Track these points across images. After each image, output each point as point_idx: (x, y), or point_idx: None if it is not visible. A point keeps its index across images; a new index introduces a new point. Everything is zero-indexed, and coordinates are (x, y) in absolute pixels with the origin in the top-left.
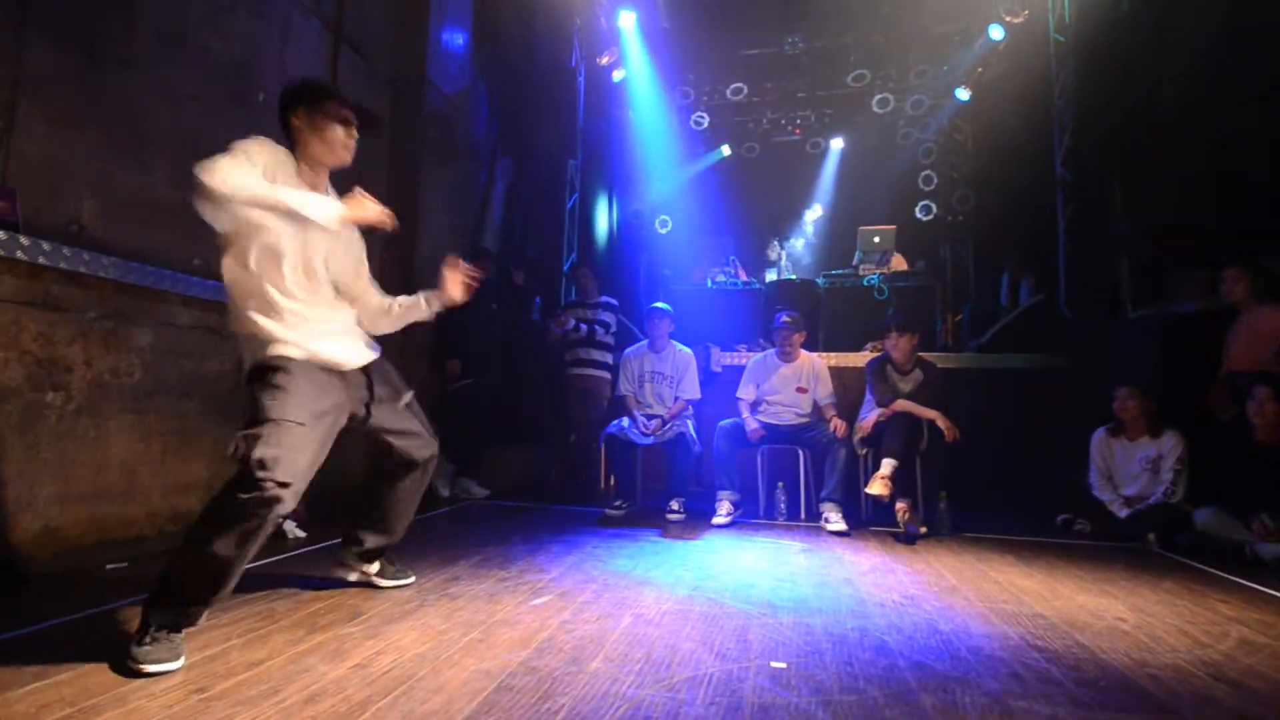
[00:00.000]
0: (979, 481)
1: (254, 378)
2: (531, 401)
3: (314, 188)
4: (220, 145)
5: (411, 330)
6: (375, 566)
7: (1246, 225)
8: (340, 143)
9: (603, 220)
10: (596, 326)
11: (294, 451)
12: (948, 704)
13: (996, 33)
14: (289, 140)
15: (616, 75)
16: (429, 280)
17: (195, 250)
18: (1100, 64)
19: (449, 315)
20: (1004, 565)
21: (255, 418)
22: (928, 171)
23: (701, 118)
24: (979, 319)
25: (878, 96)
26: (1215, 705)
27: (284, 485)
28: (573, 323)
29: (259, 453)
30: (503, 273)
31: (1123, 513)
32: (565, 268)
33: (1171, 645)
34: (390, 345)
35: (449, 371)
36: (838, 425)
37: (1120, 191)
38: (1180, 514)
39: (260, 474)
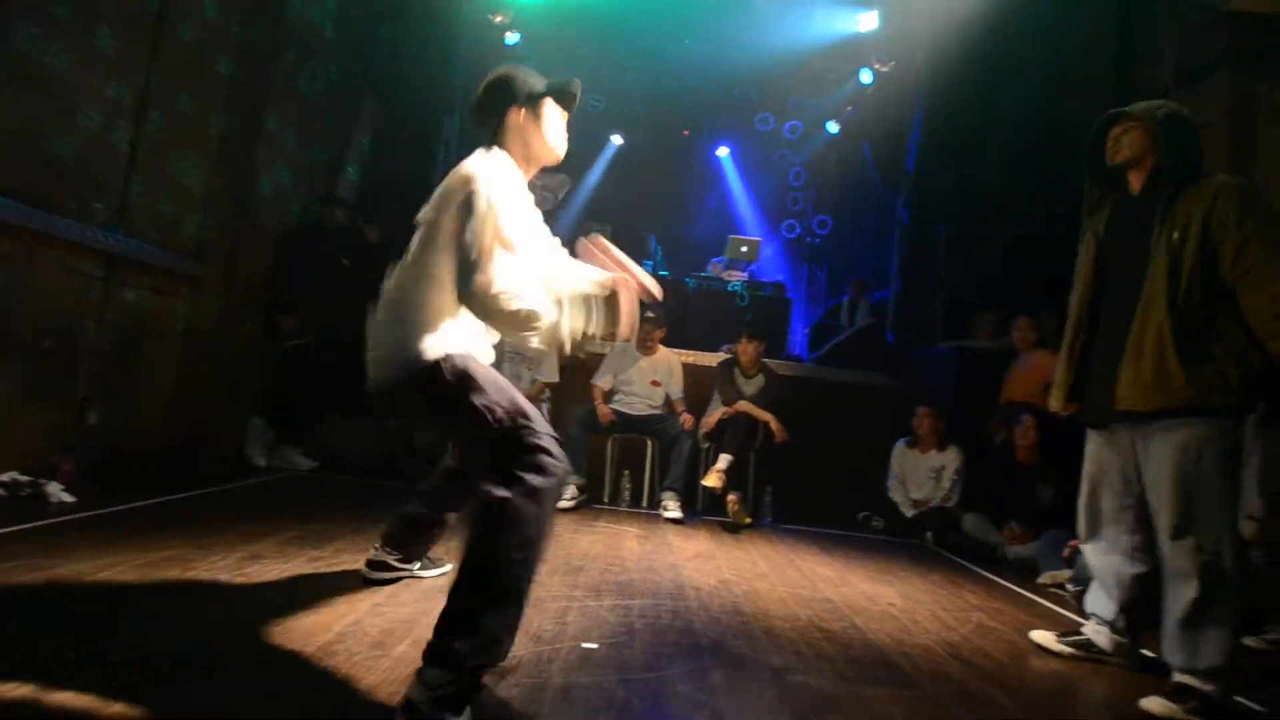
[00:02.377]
0: (802, 478)
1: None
2: None
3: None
4: None
5: (237, 275)
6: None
7: (1034, 282)
8: (563, 133)
9: None
10: None
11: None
12: (735, 679)
13: (866, 77)
14: (495, 136)
15: (509, 37)
16: (266, 217)
17: None
18: (941, 126)
19: (288, 266)
20: (809, 554)
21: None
22: (795, 193)
23: (599, 100)
24: (821, 334)
25: (759, 115)
26: (948, 680)
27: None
28: None
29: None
30: (355, 227)
31: (910, 513)
32: None
33: (926, 628)
34: (213, 289)
35: (281, 328)
36: (685, 419)
37: (944, 240)
38: (952, 517)
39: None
